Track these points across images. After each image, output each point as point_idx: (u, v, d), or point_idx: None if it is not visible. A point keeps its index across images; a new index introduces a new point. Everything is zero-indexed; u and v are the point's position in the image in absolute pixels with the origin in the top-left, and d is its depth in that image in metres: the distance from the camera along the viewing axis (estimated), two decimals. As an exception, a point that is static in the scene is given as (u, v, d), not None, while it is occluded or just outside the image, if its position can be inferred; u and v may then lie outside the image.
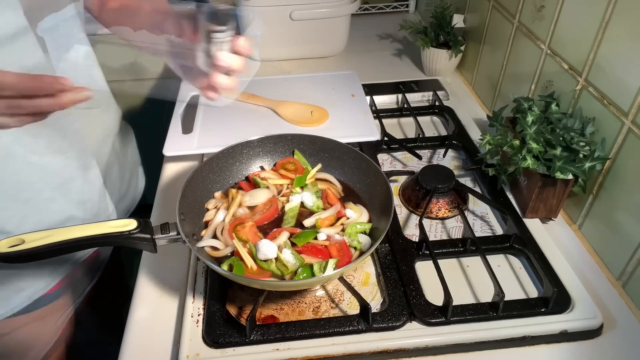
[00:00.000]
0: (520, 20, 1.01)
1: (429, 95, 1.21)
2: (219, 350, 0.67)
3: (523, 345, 0.69)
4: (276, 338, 0.68)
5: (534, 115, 0.84)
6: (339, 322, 0.69)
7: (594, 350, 0.69)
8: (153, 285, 0.79)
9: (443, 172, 0.90)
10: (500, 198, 0.90)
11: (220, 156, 0.84)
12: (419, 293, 0.73)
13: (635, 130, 0.71)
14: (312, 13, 1.31)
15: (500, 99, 1.12)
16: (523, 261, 0.81)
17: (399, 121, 1.16)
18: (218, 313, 0.71)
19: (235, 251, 0.72)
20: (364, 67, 1.36)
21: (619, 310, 0.74)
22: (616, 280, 0.77)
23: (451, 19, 1.26)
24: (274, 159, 0.90)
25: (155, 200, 0.96)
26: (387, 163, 1.03)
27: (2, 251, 0.59)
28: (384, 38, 1.55)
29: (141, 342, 0.71)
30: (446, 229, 0.87)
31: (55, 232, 0.62)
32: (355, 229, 0.76)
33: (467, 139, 1.05)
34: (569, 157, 0.78)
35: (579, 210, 0.85)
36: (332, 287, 0.77)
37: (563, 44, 0.88)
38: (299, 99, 1.13)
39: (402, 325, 0.69)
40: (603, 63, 0.77)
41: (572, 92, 0.85)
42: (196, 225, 0.77)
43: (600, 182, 0.79)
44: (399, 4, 1.72)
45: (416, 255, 0.79)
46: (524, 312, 0.70)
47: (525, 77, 1.00)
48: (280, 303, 0.74)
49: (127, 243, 0.65)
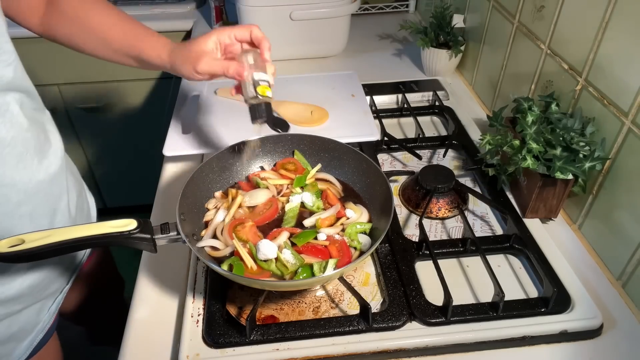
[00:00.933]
0: (520, 20, 1.01)
1: (429, 95, 1.21)
2: (219, 350, 0.67)
3: (523, 345, 0.69)
4: (276, 338, 0.68)
5: (534, 115, 0.84)
6: (339, 322, 0.69)
7: (594, 350, 0.69)
8: (153, 285, 0.79)
9: (443, 172, 0.90)
10: (500, 198, 0.90)
11: (220, 156, 0.84)
12: (419, 293, 0.73)
13: (635, 130, 0.71)
14: (312, 13, 1.31)
15: (500, 99, 1.12)
16: (523, 261, 0.81)
17: (399, 121, 1.16)
18: (218, 313, 0.71)
19: (235, 251, 0.72)
20: (364, 67, 1.36)
21: (619, 310, 0.74)
22: (616, 280, 0.77)
23: (451, 19, 1.26)
24: (274, 159, 0.90)
25: (155, 200, 0.96)
26: (387, 163, 1.03)
27: (2, 251, 0.59)
28: (384, 38, 1.55)
29: (141, 342, 0.71)
30: (446, 229, 0.87)
31: (55, 232, 0.62)
32: (355, 229, 0.76)
33: (467, 139, 1.05)
34: (569, 157, 0.78)
35: (579, 210, 0.85)
36: (332, 287, 0.77)
37: (563, 44, 0.88)
38: (299, 99, 1.13)
39: (402, 325, 0.69)
40: (603, 63, 0.77)
41: (572, 92, 0.85)
42: (196, 225, 0.77)
43: (600, 182, 0.79)
44: (399, 4, 1.72)
45: (416, 255, 0.79)
46: (524, 312, 0.70)
47: (525, 77, 1.00)
48: (280, 303, 0.74)
49: (127, 243, 0.65)
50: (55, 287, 0.84)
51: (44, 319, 0.83)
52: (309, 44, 1.39)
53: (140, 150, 1.85)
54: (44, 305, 0.83)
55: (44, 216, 0.74)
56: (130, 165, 1.95)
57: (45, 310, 0.83)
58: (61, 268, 0.84)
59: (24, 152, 0.69)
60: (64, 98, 1.74)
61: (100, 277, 1.07)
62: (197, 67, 0.72)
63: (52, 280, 0.82)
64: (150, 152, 1.33)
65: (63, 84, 1.72)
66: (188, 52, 0.73)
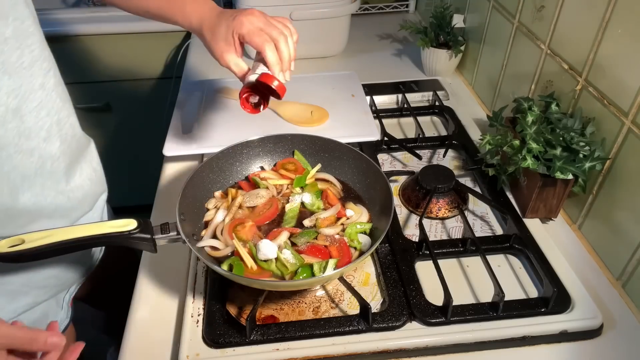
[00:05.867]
0: (520, 20, 1.01)
1: (429, 95, 1.21)
2: (219, 350, 0.67)
3: (523, 345, 0.69)
4: (276, 338, 0.68)
5: (534, 115, 0.84)
6: (339, 322, 0.69)
7: (594, 350, 0.69)
8: (153, 285, 0.79)
9: (443, 172, 0.90)
10: (500, 198, 0.90)
11: (220, 156, 0.84)
12: (419, 293, 0.73)
13: (635, 130, 0.71)
14: (312, 13, 1.31)
15: (500, 99, 1.12)
16: (523, 261, 0.81)
17: (399, 121, 1.16)
18: (218, 313, 0.71)
19: (235, 251, 0.72)
20: (364, 67, 1.36)
21: (619, 310, 0.74)
22: (616, 280, 0.77)
23: (451, 19, 1.26)
24: (274, 159, 0.90)
25: (155, 200, 0.96)
26: (387, 163, 1.03)
27: (2, 251, 0.59)
28: (384, 38, 1.55)
29: (141, 342, 0.71)
30: (446, 229, 0.87)
31: (56, 232, 0.62)
32: (355, 229, 0.76)
33: (467, 139, 1.05)
34: (569, 157, 0.78)
35: (579, 210, 0.85)
36: (332, 287, 0.77)
37: (563, 44, 0.88)
38: (299, 99, 1.13)
39: (402, 325, 0.69)
40: (603, 63, 0.77)
41: (572, 92, 0.85)
42: (196, 225, 0.77)
43: (600, 182, 0.79)
44: (399, 4, 1.72)
45: (416, 255, 0.79)
46: (524, 312, 0.70)
47: (525, 77, 1.00)
48: (280, 303, 0.74)
49: (127, 243, 0.65)
50: (76, 276, 0.85)
51: (63, 308, 0.85)
52: (308, 44, 1.39)
53: (140, 150, 1.85)
54: (60, 296, 0.84)
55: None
56: (130, 165, 1.95)
57: (62, 300, 0.85)
58: (86, 257, 0.85)
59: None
60: (64, 98, 1.73)
61: (117, 264, 1.06)
62: (221, 62, 0.76)
63: (75, 269, 0.83)
64: (150, 152, 1.33)
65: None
66: (212, 38, 0.75)
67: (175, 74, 1.62)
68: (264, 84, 0.72)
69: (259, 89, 0.75)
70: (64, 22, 1.58)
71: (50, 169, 0.71)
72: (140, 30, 1.61)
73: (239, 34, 0.72)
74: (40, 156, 0.69)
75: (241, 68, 0.75)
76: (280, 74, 0.73)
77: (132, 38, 1.63)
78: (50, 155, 0.71)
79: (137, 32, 1.60)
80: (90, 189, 0.81)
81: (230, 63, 0.75)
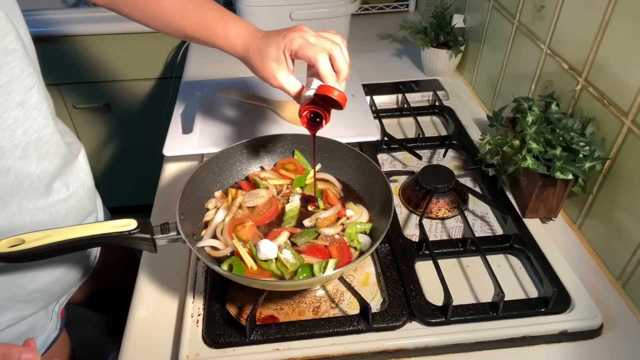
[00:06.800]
0: (520, 20, 1.01)
1: (429, 95, 1.21)
2: (219, 350, 0.67)
3: (523, 345, 0.69)
4: (276, 338, 0.68)
5: (534, 115, 0.84)
6: (339, 322, 0.69)
7: (594, 350, 0.69)
8: (153, 285, 0.79)
9: (443, 172, 0.90)
10: (500, 198, 0.90)
11: (220, 156, 0.84)
12: (419, 293, 0.73)
13: (635, 130, 0.71)
14: (312, 13, 1.31)
15: (500, 99, 1.12)
16: (523, 261, 0.81)
17: (399, 121, 1.16)
18: (218, 313, 0.71)
19: (235, 251, 0.72)
20: (364, 67, 1.36)
21: (619, 310, 0.74)
22: (616, 280, 0.77)
23: (451, 19, 1.26)
24: (274, 159, 0.90)
25: (155, 200, 0.96)
26: (387, 163, 1.03)
27: (2, 251, 0.59)
28: (384, 38, 1.55)
29: (141, 342, 0.71)
30: (446, 229, 0.87)
31: (55, 232, 0.62)
32: (355, 229, 0.76)
33: (467, 139, 1.05)
34: (569, 157, 0.78)
35: (579, 210, 0.85)
36: (332, 287, 0.77)
37: (563, 44, 0.88)
38: (299, 99, 1.13)
39: (402, 325, 0.69)
40: (603, 63, 0.77)
41: (572, 92, 0.85)
42: (196, 225, 0.77)
43: (600, 182, 0.79)
44: (399, 4, 1.72)
45: (416, 255, 0.79)
46: (524, 312, 0.70)
47: (525, 77, 1.00)
48: (280, 303, 0.74)
49: (127, 243, 0.65)
50: (65, 288, 0.84)
51: (53, 320, 0.83)
52: (309, 44, 1.39)
53: (140, 150, 1.85)
54: (49, 308, 0.83)
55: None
56: (130, 165, 1.95)
57: (51, 311, 0.83)
58: (73, 270, 0.83)
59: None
60: (64, 98, 1.74)
61: (114, 269, 1.06)
62: (273, 82, 0.74)
63: (62, 282, 0.82)
64: (150, 152, 1.33)
65: (63, 83, 1.72)
66: (261, 60, 0.73)
67: (175, 74, 1.62)
68: (324, 96, 0.68)
69: (318, 103, 0.71)
70: (64, 22, 1.58)
71: (28, 188, 0.68)
72: (140, 30, 1.60)
73: (290, 50, 0.70)
74: (17, 175, 0.66)
75: (295, 86, 0.73)
76: (337, 84, 0.71)
77: (132, 38, 1.63)
78: (28, 174, 0.67)
79: (137, 32, 1.60)
80: (76, 203, 0.77)
81: (283, 83, 0.73)
